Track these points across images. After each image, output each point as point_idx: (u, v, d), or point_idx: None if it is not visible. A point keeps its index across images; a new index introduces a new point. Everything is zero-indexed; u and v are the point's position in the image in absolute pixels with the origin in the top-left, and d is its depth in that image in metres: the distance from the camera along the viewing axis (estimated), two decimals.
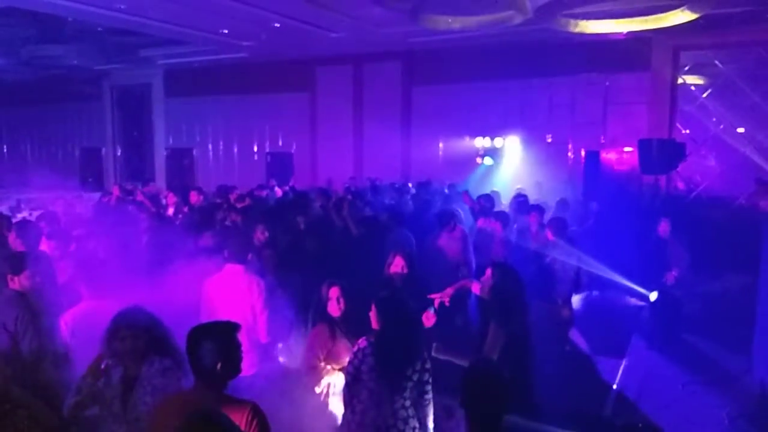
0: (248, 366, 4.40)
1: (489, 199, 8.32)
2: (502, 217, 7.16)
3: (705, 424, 4.69)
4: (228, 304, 4.50)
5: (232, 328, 2.85)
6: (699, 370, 5.50)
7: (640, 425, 3.54)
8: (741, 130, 12.47)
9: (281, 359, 4.77)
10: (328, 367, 4.06)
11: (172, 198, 9.73)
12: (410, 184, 12.44)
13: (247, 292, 4.57)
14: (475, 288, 4.21)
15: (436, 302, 4.24)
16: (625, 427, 3.43)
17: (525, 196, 9.03)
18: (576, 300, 6.32)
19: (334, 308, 4.16)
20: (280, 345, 4.80)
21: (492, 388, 2.59)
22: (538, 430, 3.19)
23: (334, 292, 4.18)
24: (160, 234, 6.23)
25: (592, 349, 6.21)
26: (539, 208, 7.29)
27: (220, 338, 2.75)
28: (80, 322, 3.91)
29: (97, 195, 11.77)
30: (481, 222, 7.30)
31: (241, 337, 4.18)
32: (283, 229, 6.90)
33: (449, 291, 4.34)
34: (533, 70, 13.63)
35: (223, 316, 4.36)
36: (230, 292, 4.56)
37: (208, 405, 2.54)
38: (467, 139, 14.49)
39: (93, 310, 3.93)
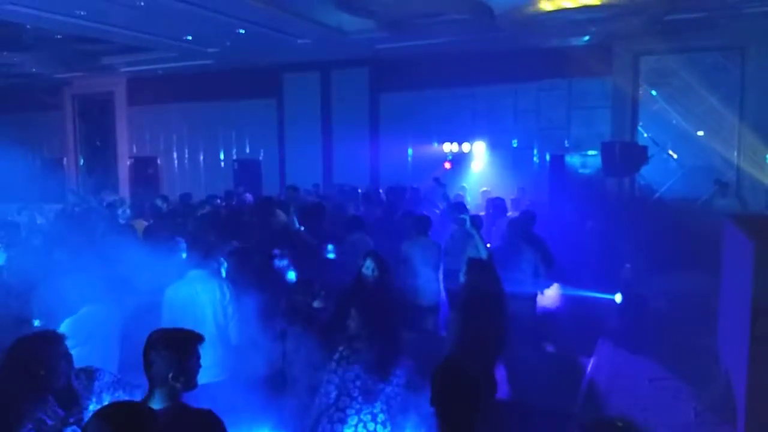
0: (218, 372, 4.33)
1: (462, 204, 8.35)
2: (476, 220, 7.18)
3: (672, 418, 4.76)
4: (191, 309, 4.40)
5: (192, 337, 2.72)
6: (666, 366, 5.58)
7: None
8: (701, 133, 12.78)
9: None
10: None
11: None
12: (381, 190, 12.44)
13: (212, 296, 4.46)
14: None
15: None
16: (594, 423, 3.45)
17: (502, 200, 9.08)
18: (543, 299, 6.37)
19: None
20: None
21: (462, 386, 2.55)
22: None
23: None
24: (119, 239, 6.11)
25: (560, 348, 6.26)
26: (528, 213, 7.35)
27: (176, 346, 2.62)
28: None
29: (58, 206, 11.51)
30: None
31: (207, 344, 4.12)
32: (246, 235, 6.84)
33: None
34: (499, 77, 13.83)
35: (185, 321, 4.29)
36: (194, 296, 4.45)
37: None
38: (435, 144, 14.59)
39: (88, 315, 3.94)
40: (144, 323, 3.73)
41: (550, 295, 6.51)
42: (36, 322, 4.04)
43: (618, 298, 7.10)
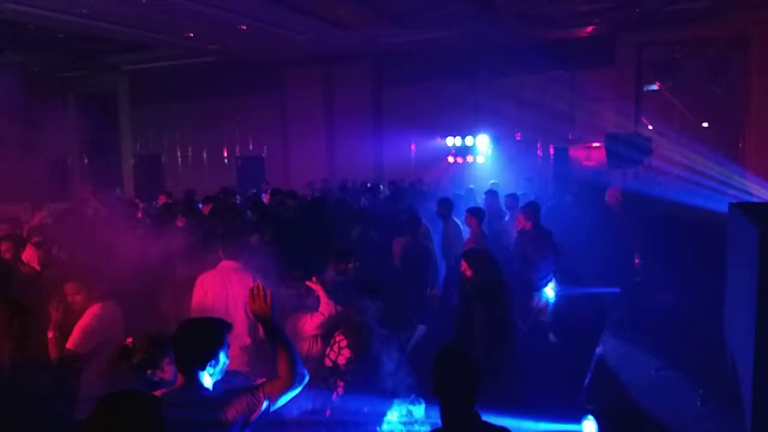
0: (244, 362, 4.41)
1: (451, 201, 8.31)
2: (477, 212, 7.18)
3: (678, 407, 4.75)
4: (224, 299, 4.47)
5: (220, 326, 2.74)
6: (671, 355, 5.57)
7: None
8: (705, 124, 12.74)
9: None
10: None
11: (139, 205, 9.83)
12: (381, 186, 12.44)
13: (246, 288, 4.50)
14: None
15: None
16: (598, 411, 3.47)
17: (507, 192, 9.10)
18: (548, 291, 6.38)
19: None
20: None
21: (463, 373, 2.56)
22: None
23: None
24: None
25: (565, 337, 6.26)
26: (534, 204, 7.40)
27: (206, 335, 2.64)
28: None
29: (62, 205, 11.53)
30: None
31: (237, 333, 4.16)
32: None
33: None
34: (501, 69, 13.76)
35: (216, 310, 4.36)
36: (227, 287, 4.52)
37: (184, 403, 2.47)
38: (438, 138, 14.56)
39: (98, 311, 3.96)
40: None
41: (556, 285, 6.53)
42: None
43: (620, 289, 7.09)
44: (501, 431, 2.55)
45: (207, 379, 2.60)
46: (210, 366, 2.58)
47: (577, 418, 3.56)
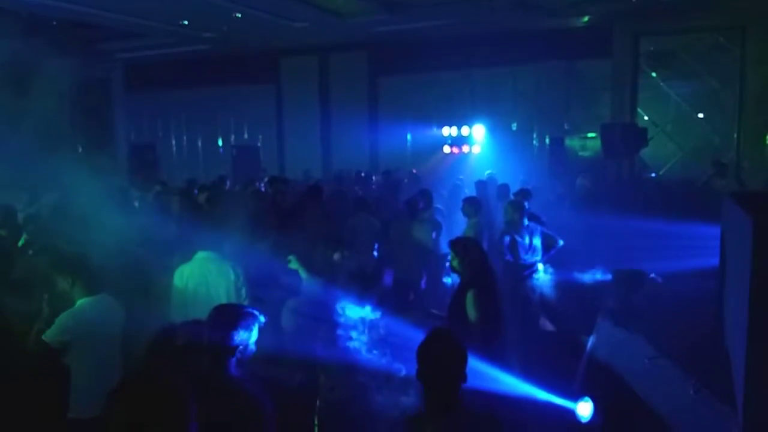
0: None
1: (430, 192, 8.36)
2: (473, 202, 7.21)
3: (671, 396, 4.78)
4: (204, 290, 4.45)
5: (251, 314, 2.80)
6: (664, 344, 5.59)
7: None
8: (700, 114, 12.74)
9: None
10: None
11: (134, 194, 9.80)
12: (374, 177, 12.41)
13: (227, 278, 4.50)
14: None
15: None
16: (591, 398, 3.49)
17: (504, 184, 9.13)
18: (542, 280, 6.40)
19: None
20: None
21: (449, 360, 2.56)
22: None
23: None
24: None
25: (558, 326, 6.29)
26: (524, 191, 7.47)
27: (235, 322, 2.68)
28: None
29: (56, 194, 11.47)
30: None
31: None
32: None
33: None
34: (498, 59, 13.74)
35: (197, 302, 4.33)
36: (207, 277, 4.48)
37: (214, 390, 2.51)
38: (434, 128, 14.52)
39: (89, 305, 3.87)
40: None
41: (548, 274, 6.55)
42: None
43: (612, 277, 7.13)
44: (485, 416, 2.55)
45: (234, 365, 2.65)
46: (239, 352, 2.64)
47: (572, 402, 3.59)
